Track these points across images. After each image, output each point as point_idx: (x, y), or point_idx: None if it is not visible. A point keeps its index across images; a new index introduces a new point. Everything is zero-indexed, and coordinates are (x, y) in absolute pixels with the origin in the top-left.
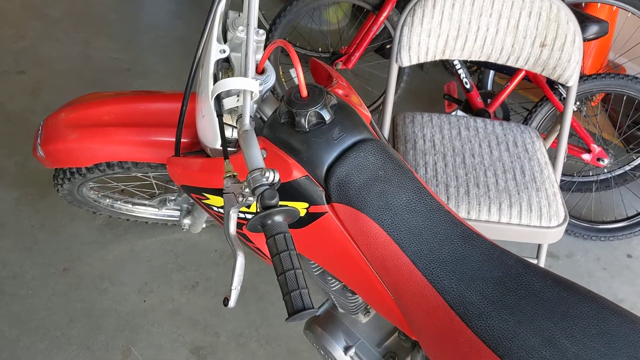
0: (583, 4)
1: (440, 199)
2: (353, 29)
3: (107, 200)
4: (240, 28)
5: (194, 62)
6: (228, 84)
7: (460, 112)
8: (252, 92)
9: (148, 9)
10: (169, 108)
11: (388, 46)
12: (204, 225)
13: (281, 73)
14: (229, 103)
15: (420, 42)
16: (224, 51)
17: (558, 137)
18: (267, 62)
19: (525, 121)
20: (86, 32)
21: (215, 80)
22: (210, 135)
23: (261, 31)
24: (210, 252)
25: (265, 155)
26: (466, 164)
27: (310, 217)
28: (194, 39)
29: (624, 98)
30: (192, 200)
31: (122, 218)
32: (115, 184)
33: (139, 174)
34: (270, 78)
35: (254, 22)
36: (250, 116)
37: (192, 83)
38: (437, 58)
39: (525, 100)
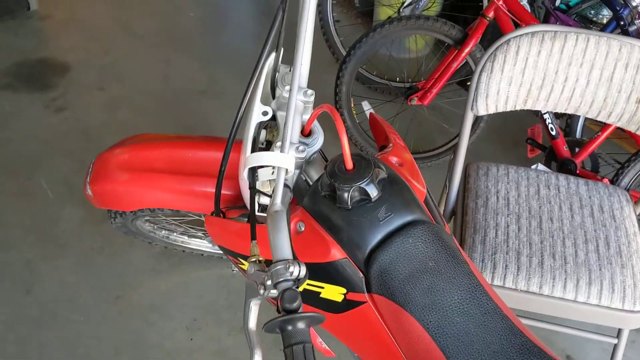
0: None
1: (499, 299)
2: (434, 60)
3: (163, 232)
4: (288, 88)
5: (237, 115)
6: (261, 158)
7: (541, 167)
8: (287, 169)
9: (231, 30)
10: (217, 157)
11: (468, 83)
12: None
13: (353, 105)
14: (264, 175)
15: (500, 90)
16: (267, 113)
17: None
18: (315, 123)
19: (617, 175)
20: (168, 50)
21: (256, 141)
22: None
23: (310, 91)
24: None
25: (302, 229)
26: (542, 229)
27: (348, 305)
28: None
29: None
30: None
31: (178, 249)
32: (169, 218)
33: (189, 213)
34: (318, 141)
35: (297, 84)
36: (287, 191)
37: (235, 136)
38: (518, 108)
39: (618, 151)
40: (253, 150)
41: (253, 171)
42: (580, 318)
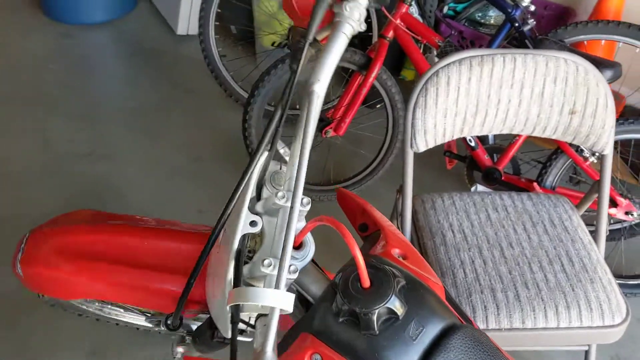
0: (585, 42)
1: None
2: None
3: (96, 303)
4: (280, 194)
5: (218, 222)
6: (253, 296)
7: (480, 187)
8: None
9: (101, 78)
10: (178, 249)
11: (378, 106)
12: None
13: None
14: (249, 308)
15: (437, 123)
16: (256, 224)
17: (598, 213)
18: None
19: (541, 176)
20: (38, 113)
21: (241, 255)
22: (222, 326)
23: (306, 199)
24: None
25: None
26: (506, 257)
27: None
28: (153, 106)
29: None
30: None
31: (111, 322)
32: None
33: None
34: (309, 253)
35: (298, 205)
36: (275, 341)
37: (214, 241)
38: (455, 137)
39: (535, 148)
40: (237, 264)
41: (237, 306)
42: (566, 343)
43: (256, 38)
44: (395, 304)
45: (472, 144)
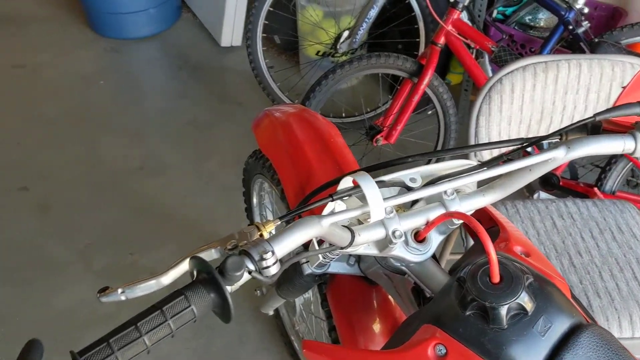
0: None
1: None
2: (367, 89)
3: None
4: (389, 209)
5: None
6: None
7: (543, 195)
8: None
9: (149, 94)
10: None
11: (429, 112)
12: (271, 313)
13: None
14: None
15: (501, 131)
16: None
17: None
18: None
19: (600, 181)
20: (89, 129)
21: None
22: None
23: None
24: None
25: (445, 352)
26: (575, 265)
27: None
28: (202, 120)
29: None
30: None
31: None
32: None
33: None
34: (430, 250)
35: None
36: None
37: None
38: None
39: None
40: None
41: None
42: None
43: (300, 48)
44: (525, 300)
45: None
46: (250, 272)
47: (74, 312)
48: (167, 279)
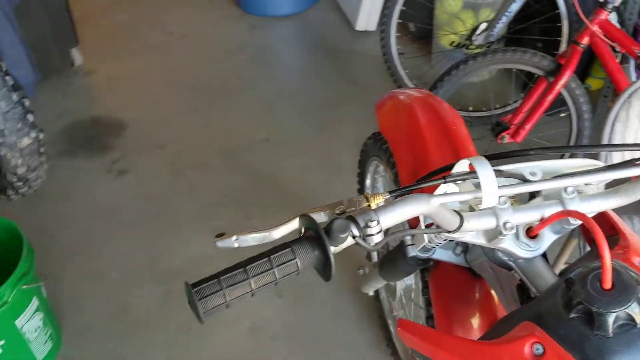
0: None
1: None
2: (500, 85)
3: None
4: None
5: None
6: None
7: None
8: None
9: (284, 70)
10: None
11: (562, 115)
12: (371, 293)
13: None
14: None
15: (637, 138)
16: None
17: None
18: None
19: None
20: (224, 98)
21: None
22: None
23: None
24: None
25: (542, 352)
26: None
27: None
28: (328, 100)
29: None
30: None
31: None
32: None
33: None
34: (541, 248)
35: None
36: None
37: None
38: None
39: None
40: None
41: None
42: None
43: (434, 37)
44: (635, 311)
45: None
46: (354, 237)
47: (191, 264)
48: (278, 233)
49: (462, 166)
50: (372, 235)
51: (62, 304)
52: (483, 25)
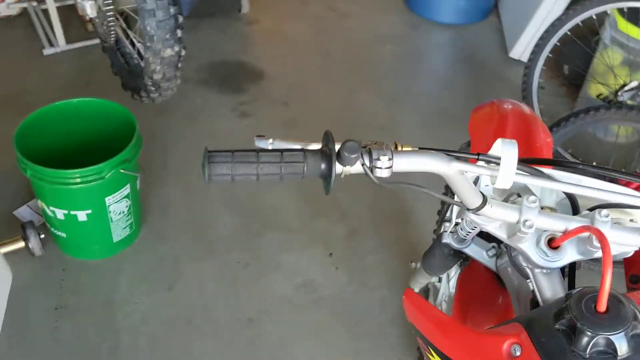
0: None
1: None
2: None
3: None
4: (532, 198)
5: None
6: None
7: None
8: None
9: (423, 73)
10: None
11: None
12: (417, 290)
13: None
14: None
15: None
16: None
17: None
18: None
19: None
20: (357, 79)
21: None
22: None
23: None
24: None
25: (517, 355)
26: None
27: None
28: (455, 113)
29: None
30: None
31: None
32: None
33: None
34: (561, 260)
35: None
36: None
37: None
38: None
39: None
40: None
41: None
42: None
43: (585, 83)
44: (620, 342)
45: None
46: (362, 165)
47: (272, 211)
48: (312, 147)
49: (499, 149)
50: (380, 168)
51: (152, 204)
52: (634, 84)
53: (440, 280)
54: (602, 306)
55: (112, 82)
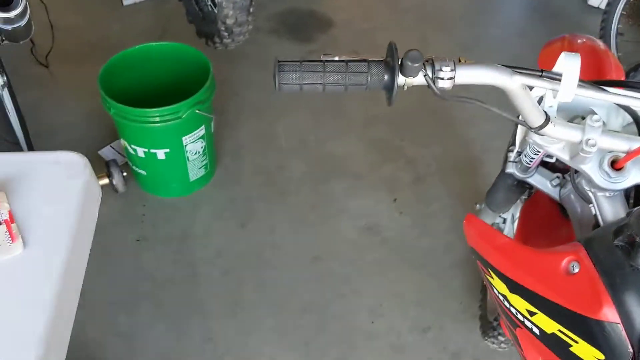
0: None
1: None
2: None
3: None
4: (596, 117)
5: None
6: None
7: None
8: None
9: (494, 21)
10: None
11: None
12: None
13: None
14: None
15: None
16: None
17: None
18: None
19: None
20: (427, 28)
21: None
22: None
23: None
24: (457, 301)
25: (576, 271)
26: None
27: None
28: (529, 60)
29: None
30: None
31: None
32: None
33: None
34: (625, 182)
35: None
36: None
37: None
38: None
39: None
40: None
41: None
42: None
43: None
44: None
45: None
46: (425, 75)
47: (340, 158)
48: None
49: (562, 64)
50: (442, 79)
51: (226, 147)
52: None
53: (505, 222)
54: None
55: (188, 31)
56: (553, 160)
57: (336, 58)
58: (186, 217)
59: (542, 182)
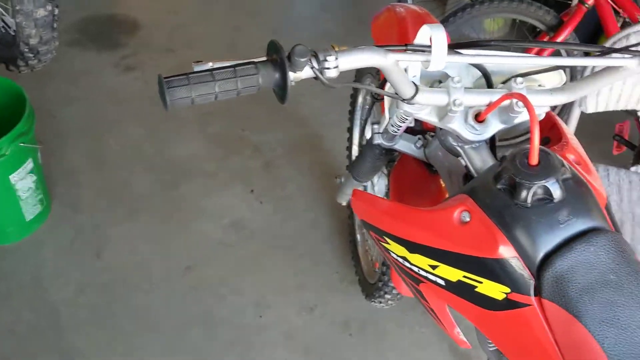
0: None
1: None
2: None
3: None
4: (457, 79)
5: None
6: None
7: None
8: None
9: (300, 1)
10: None
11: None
12: (344, 203)
13: None
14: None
15: (613, 87)
16: None
17: None
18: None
19: None
20: (238, 15)
21: None
22: None
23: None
24: (331, 274)
25: (468, 220)
26: None
27: (508, 304)
28: (338, 34)
29: None
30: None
31: None
32: None
33: None
34: (487, 132)
35: None
36: None
37: None
38: (629, 107)
39: None
40: None
41: None
42: None
43: None
44: (554, 187)
45: None
46: (312, 68)
47: (184, 160)
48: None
49: (424, 37)
50: (328, 69)
51: (56, 176)
52: None
53: (365, 189)
54: (534, 159)
55: None
56: (412, 125)
57: (210, 64)
58: (32, 260)
59: (407, 146)
